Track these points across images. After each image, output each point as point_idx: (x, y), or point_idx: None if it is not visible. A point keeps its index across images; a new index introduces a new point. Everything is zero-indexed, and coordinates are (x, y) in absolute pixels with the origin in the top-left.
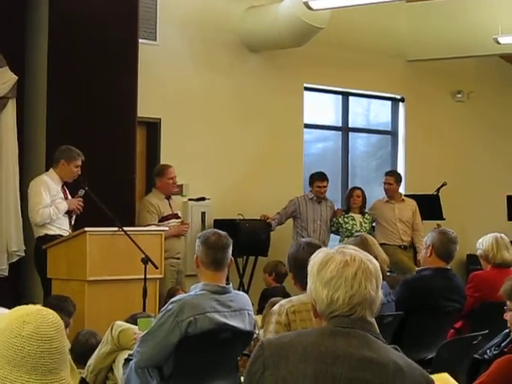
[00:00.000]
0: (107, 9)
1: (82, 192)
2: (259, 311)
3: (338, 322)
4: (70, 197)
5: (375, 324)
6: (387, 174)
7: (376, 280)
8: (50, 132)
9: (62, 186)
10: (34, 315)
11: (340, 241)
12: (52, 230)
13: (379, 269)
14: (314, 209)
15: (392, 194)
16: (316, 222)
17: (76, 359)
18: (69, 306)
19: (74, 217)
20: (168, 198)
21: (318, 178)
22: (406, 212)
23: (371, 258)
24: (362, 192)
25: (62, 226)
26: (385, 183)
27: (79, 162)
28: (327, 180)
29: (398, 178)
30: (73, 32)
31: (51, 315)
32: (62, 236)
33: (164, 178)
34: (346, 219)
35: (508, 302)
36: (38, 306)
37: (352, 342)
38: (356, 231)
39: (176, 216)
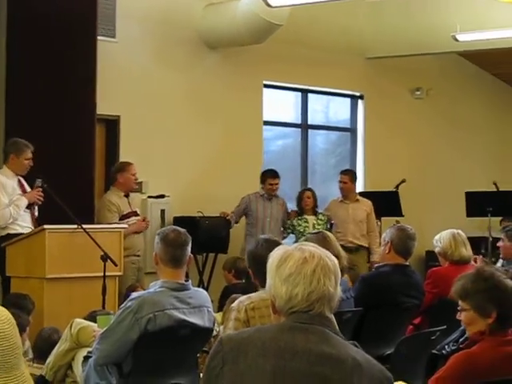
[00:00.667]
0: (66, 6)
1: (39, 182)
2: (220, 308)
3: (296, 318)
4: (28, 189)
5: (334, 320)
6: (342, 172)
7: (335, 276)
8: (9, 129)
9: (19, 181)
10: None
11: (295, 242)
12: (14, 229)
13: (338, 265)
14: (264, 206)
15: (347, 194)
16: (266, 219)
17: (38, 355)
18: (28, 304)
19: (36, 208)
20: (127, 195)
21: (270, 176)
22: (360, 212)
23: (330, 254)
24: (313, 193)
25: (23, 223)
26: (340, 182)
27: (29, 154)
28: (279, 177)
29: (354, 177)
30: (31, 28)
31: (3, 311)
32: (23, 234)
33: (127, 174)
34: (299, 221)
35: (460, 302)
36: None
37: (310, 338)
38: (309, 233)
39: (135, 213)
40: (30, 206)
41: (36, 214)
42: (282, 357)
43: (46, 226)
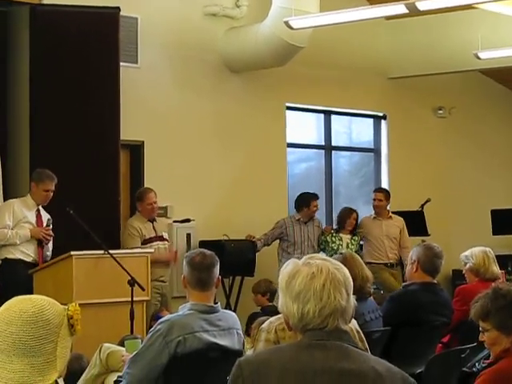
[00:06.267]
0: (88, 33)
1: (49, 221)
2: (246, 333)
3: (313, 336)
4: (44, 224)
5: (354, 331)
6: (376, 190)
7: (346, 288)
8: (34, 157)
9: (38, 212)
10: None
11: None
12: (12, 254)
13: (348, 275)
14: (301, 230)
15: (381, 211)
16: (303, 244)
17: None
18: None
19: (48, 248)
20: (151, 220)
21: (314, 198)
22: (393, 229)
23: (340, 266)
24: (357, 215)
25: (25, 251)
26: (374, 200)
27: (49, 186)
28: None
29: (388, 195)
30: (54, 56)
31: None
32: (23, 261)
33: (143, 203)
34: (333, 238)
35: (481, 323)
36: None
37: (329, 355)
38: (341, 252)
39: (161, 238)
40: (40, 243)
41: (48, 253)
42: (302, 379)
43: (72, 252)
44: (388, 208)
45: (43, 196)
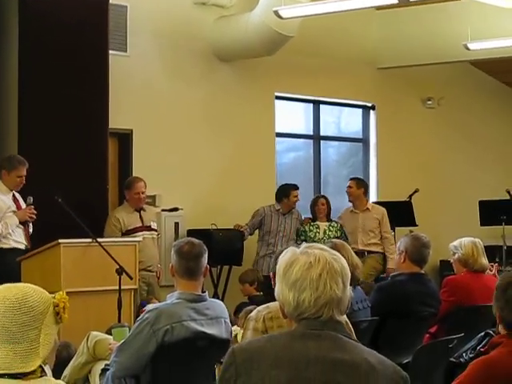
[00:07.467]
0: (77, 21)
1: (30, 199)
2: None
3: (307, 325)
4: (23, 205)
5: (344, 323)
6: (350, 179)
7: (342, 279)
8: (22, 144)
9: (13, 196)
10: None
11: None
12: (6, 244)
13: (346, 266)
14: (278, 221)
15: (353, 200)
16: (279, 234)
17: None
18: None
19: (30, 225)
20: (138, 210)
21: (294, 188)
22: (371, 222)
23: (338, 256)
24: (327, 200)
25: (17, 239)
26: (346, 187)
27: (22, 171)
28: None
29: (360, 184)
30: (43, 45)
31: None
32: (16, 249)
33: (131, 192)
34: (311, 227)
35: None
36: None
37: (323, 345)
38: (319, 239)
39: (148, 228)
40: (24, 223)
41: (30, 231)
42: (295, 367)
43: (60, 240)
44: (367, 199)
45: (17, 182)
